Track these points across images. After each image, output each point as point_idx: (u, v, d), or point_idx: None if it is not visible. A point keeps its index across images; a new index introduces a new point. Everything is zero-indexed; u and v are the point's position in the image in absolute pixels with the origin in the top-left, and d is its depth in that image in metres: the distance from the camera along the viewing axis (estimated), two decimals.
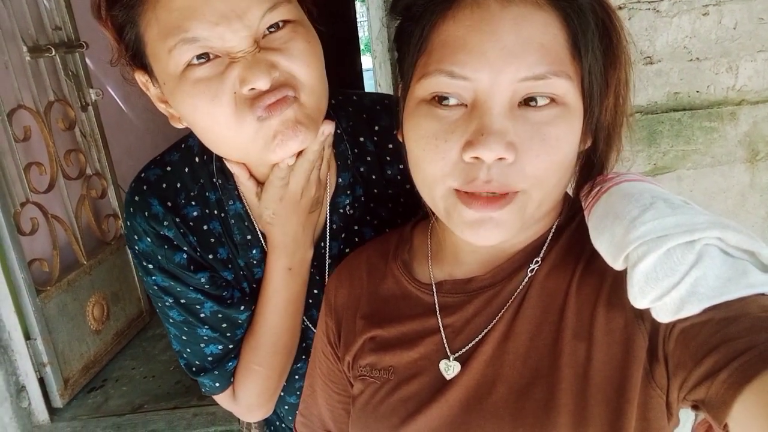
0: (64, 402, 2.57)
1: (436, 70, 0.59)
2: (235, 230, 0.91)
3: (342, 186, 0.91)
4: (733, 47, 1.63)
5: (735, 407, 0.46)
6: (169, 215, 0.87)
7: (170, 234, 0.87)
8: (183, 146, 0.91)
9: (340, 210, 0.92)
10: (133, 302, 3.18)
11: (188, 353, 0.94)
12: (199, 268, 0.89)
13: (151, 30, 0.71)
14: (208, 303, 0.90)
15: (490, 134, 0.56)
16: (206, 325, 0.91)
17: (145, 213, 0.86)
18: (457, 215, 0.61)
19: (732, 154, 1.72)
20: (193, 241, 0.89)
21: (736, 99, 1.68)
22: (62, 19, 2.74)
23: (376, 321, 0.75)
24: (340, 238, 0.94)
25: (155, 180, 0.89)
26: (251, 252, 0.92)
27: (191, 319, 0.90)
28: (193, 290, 0.89)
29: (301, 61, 0.73)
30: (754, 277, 0.52)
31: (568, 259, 0.66)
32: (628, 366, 0.58)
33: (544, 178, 0.59)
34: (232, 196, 0.89)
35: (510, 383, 0.63)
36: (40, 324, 2.45)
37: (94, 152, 2.96)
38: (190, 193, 0.89)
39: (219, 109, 0.70)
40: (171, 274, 0.88)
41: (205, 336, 0.91)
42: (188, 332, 0.92)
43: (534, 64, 0.56)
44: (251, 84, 0.69)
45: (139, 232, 0.87)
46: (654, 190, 0.61)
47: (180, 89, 0.71)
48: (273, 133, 0.72)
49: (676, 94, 1.67)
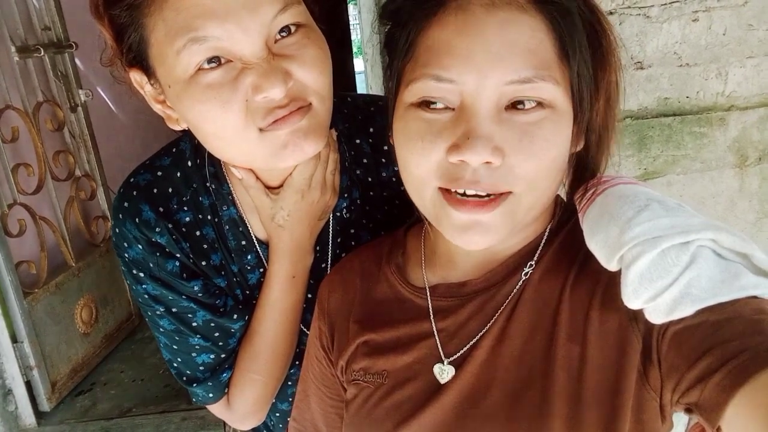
0: (51, 406, 2.54)
1: (422, 75, 0.59)
2: (230, 236, 0.89)
3: (340, 189, 0.90)
4: (722, 53, 1.65)
5: (728, 410, 0.47)
6: (162, 221, 0.85)
7: (162, 241, 0.85)
8: (174, 150, 0.89)
9: (337, 213, 0.92)
10: (122, 305, 3.15)
11: (179, 363, 0.93)
12: (192, 276, 0.88)
13: (158, 31, 0.69)
14: (201, 312, 0.88)
15: (477, 138, 0.56)
16: (198, 335, 0.89)
17: (136, 219, 0.84)
18: (446, 219, 0.61)
19: (721, 160, 1.74)
20: (186, 248, 0.87)
21: (726, 105, 1.69)
22: (51, 19, 2.71)
23: (370, 325, 0.74)
24: (336, 242, 0.93)
25: (145, 185, 0.86)
26: (246, 258, 0.91)
27: (183, 328, 0.89)
28: (186, 299, 0.87)
29: (314, 69, 0.72)
30: (747, 279, 0.53)
31: (562, 263, 0.66)
32: (622, 369, 0.59)
33: (533, 181, 0.59)
34: (226, 201, 0.88)
35: (504, 387, 0.63)
36: (28, 327, 2.43)
37: (83, 153, 2.94)
38: (183, 198, 0.87)
39: (229, 115, 0.69)
40: (163, 282, 0.86)
41: (197, 345, 0.90)
42: (179, 341, 0.90)
43: (520, 67, 0.56)
44: (266, 93, 0.68)
45: (130, 240, 0.85)
46: (649, 193, 0.62)
47: (188, 93, 0.69)
48: (283, 142, 0.71)
49: (666, 100, 1.68)
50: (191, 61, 0.68)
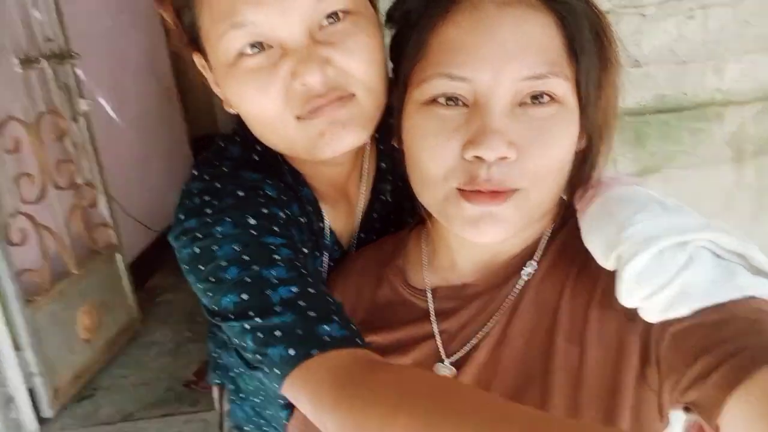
0: (53, 412, 2.54)
1: (435, 74, 0.60)
2: (312, 218, 0.83)
3: (384, 171, 0.88)
4: (719, 50, 1.65)
5: (726, 409, 0.47)
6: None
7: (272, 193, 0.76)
8: (238, 139, 0.82)
9: (381, 197, 0.89)
10: (124, 310, 3.15)
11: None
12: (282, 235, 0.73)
13: (204, 15, 0.69)
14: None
15: (492, 133, 0.56)
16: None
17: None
18: (459, 212, 0.61)
19: (719, 155, 1.74)
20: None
21: (723, 100, 1.70)
22: (53, 30, 2.71)
23: (372, 327, 0.75)
24: (375, 229, 0.90)
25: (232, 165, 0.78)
26: (322, 241, 0.85)
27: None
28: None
29: (359, 58, 0.68)
30: (744, 279, 0.53)
31: (562, 264, 0.67)
32: (621, 369, 0.59)
33: (543, 176, 0.60)
34: (300, 182, 0.82)
35: (504, 387, 0.64)
36: (29, 334, 2.42)
37: (84, 162, 2.94)
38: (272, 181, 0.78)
39: (267, 100, 0.68)
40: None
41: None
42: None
43: (534, 64, 0.57)
44: (302, 78, 0.65)
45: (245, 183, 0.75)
46: (648, 194, 0.62)
47: (230, 77, 0.69)
48: (319, 131, 0.69)
49: (663, 96, 1.69)
50: (232, 46, 0.67)
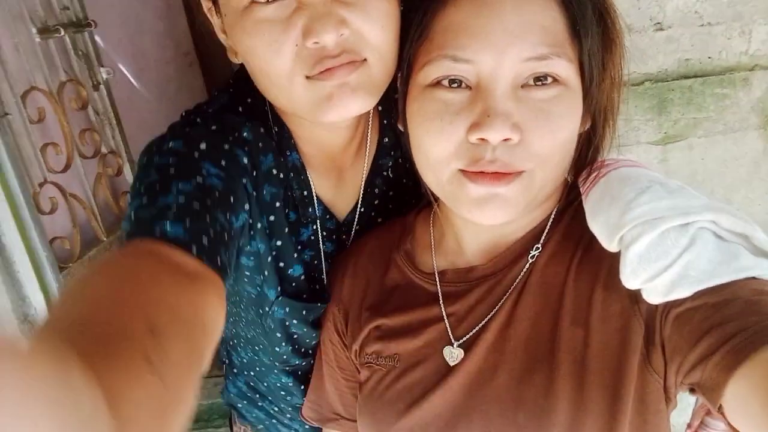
0: None
1: (438, 56, 0.60)
2: (294, 184, 0.81)
3: (386, 146, 0.86)
4: (745, 11, 1.59)
5: (727, 390, 0.48)
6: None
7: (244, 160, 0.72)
8: (231, 90, 0.80)
9: (383, 173, 0.87)
10: None
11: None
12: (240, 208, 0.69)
13: None
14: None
15: (496, 115, 0.57)
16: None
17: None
18: (464, 193, 0.62)
19: (745, 121, 1.69)
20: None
21: (749, 64, 1.64)
22: None
23: (381, 310, 0.77)
24: (374, 204, 0.88)
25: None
26: (308, 210, 0.83)
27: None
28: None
29: (375, 22, 0.65)
30: (745, 260, 0.54)
31: (567, 246, 0.68)
32: (625, 351, 0.60)
33: (548, 157, 0.60)
34: (289, 146, 0.79)
35: (511, 369, 0.65)
36: None
37: (108, 130, 2.97)
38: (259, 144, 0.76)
39: (276, 57, 0.65)
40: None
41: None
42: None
43: (536, 44, 0.57)
44: (315, 38, 0.62)
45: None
46: (651, 175, 0.62)
47: (240, 25, 0.65)
48: (327, 93, 0.66)
49: (687, 61, 1.64)
50: None
